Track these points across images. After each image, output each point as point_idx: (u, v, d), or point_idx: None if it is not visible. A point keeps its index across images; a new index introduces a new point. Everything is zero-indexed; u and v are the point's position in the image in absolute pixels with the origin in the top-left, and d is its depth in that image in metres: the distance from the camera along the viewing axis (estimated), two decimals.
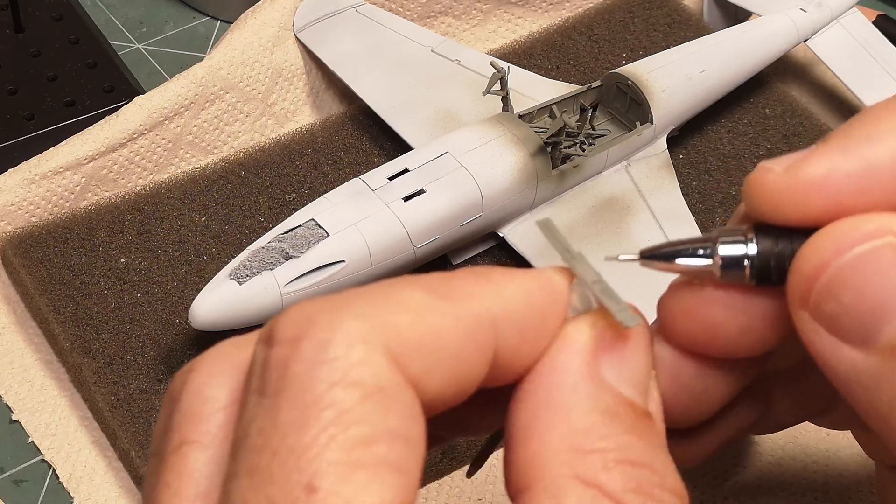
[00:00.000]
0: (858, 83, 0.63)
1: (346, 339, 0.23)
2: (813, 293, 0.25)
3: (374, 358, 0.23)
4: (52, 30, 0.66)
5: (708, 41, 0.61)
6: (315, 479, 0.21)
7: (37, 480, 0.49)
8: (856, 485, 0.47)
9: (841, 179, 0.25)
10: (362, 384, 0.22)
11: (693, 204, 0.57)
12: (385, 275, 0.51)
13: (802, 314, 0.25)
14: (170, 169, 0.59)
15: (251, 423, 0.23)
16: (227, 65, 0.60)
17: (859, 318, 0.24)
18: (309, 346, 0.23)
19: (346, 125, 0.61)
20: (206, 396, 0.25)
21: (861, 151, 0.25)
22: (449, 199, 0.51)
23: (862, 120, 0.26)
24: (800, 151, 0.26)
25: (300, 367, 0.22)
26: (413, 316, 0.24)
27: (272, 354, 0.23)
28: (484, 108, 0.58)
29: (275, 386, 0.23)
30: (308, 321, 0.23)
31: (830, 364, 0.25)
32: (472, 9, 0.67)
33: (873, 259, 0.24)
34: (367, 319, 0.23)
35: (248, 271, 0.48)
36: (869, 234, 0.24)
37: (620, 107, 0.58)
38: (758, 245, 0.26)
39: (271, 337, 0.23)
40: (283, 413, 0.22)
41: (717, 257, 0.26)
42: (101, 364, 0.50)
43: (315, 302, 0.24)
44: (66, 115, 0.62)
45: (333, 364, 0.22)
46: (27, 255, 0.53)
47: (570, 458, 0.24)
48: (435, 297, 0.24)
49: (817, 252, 0.25)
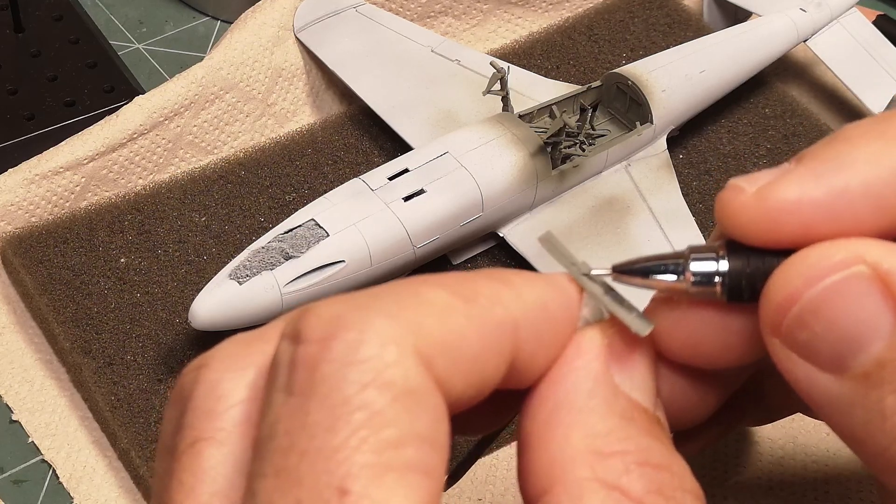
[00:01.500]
0: (858, 83, 0.63)
1: (378, 340, 0.22)
2: (785, 322, 0.25)
3: (406, 359, 0.22)
4: (52, 30, 0.66)
5: (708, 41, 0.61)
6: (346, 482, 0.21)
7: (37, 480, 0.49)
8: (856, 485, 0.47)
9: (811, 205, 0.25)
10: (394, 386, 0.22)
11: (693, 204, 0.57)
12: (385, 275, 0.51)
13: (775, 341, 0.25)
14: (170, 169, 0.59)
15: (278, 423, 0.22)
16: (227, 65, 0.60)
17: (832, 346, 0.24)
18: (340, 345, 0.22)
19: (346, 125, 0.61)
20: (221, 393, 0.24)
21: (832, 178, 0.25)
22: (449, 199, 0.51)
23: (835, 143, 0.25)
24: (771, 170, 0.26)
25: (330, 367, 0.22)
26: (439, 317, 0.23)
27: (300, 353, 0.23)
28: (484, 108, 0.58)
29: (303, 385, 0.22)
30: (338, 320, 0.23)
31: (804, 388, 0.25)
32: (472, 9, 0.67)
33: (844, 289, 0.24)
34: (397, 320, 0.23)
35: (248, 271, 0.48)
36: (840, 264, 0.24)
37: (620, 107, 0.58)
38: (729, 263, 0.26)
39: (298, 335, 0.23)
40: (313, 414, 0.22)
41: (689, 273, 0.26)
42: (101, 364, 0.50)
43: (343, 301, 0.23)
44: (66, 115, 0.62)
45: (365, 365, 0.22)
46: (27, 255, 0.53)
47: (591, 461, 0.24)
48: (458, 298, 0.24)
49: (788, 282, 0.24)
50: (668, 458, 0.25)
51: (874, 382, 0.24)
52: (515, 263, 0.55)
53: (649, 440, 0.25)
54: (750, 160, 0.60)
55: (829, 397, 0.25)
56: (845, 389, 0.24)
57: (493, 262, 0.55)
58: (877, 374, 0.24)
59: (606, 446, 0.24)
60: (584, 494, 0.24)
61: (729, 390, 0.30)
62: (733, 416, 0.33)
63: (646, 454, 0.24)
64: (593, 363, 0.25)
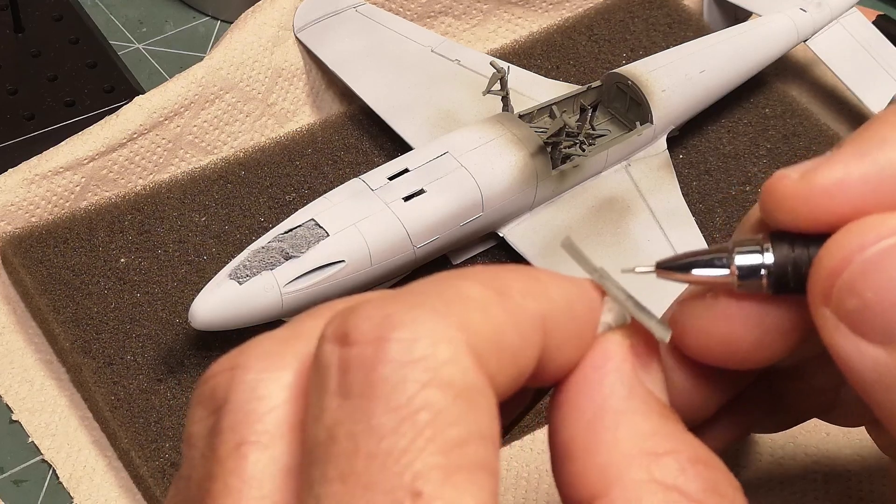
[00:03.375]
0: (858, 83, 0.63)
1: (431, 338, 0.22)
2: (835, 289, 0.24)
3: (461, 356, 0.22)
4: (52, 30, 0.66)
5: (708, 41, 0.61)
6: (418, 484, 0.21)
7: (37, 480, 0.49)
8: (857, 485, 0.47)
9: (856, 184, 0.25)
10: (453, 384, 0.22)
11: (693, 204, 0.57)
12: (385, 275, 0.51)
13: (824, 311, 0.25)
14: (170, 169, 0.59)
15: (338, 427, 0.22)
16: (227, 65, 0.60)
17: (881, 314, 0.24)
18: (395, 345, 0.22)
19: (346, 125, 0.61)
20: (261, 394, 0.24)
21: (875, 155, 0.25)
22: (449, 199, 0.51)
23: (875, 124, 0.25)
24: (816, 158, 0.26)
25: (388, 368, 0.22)
26: (482, 312, 0.23)
27: (353, 355, 0.22)
28: (484, 108, 0.58)
29: (361, 388, 0.22)
30: (388, 320, 0.23)
31: (851, 362, 0.25)
32: (472, 9, 0.67)
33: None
34: (447, 316, 0.23)
35: (248, 271, 0.48)
36: (892, 230, 0.24)
37: (620, 107, 0.58)
38: (774, 254, 0.26)
39: (346, 337, 0.23)
40: (377, 416, 0.22)
41: (734, 267, 0.26)
42: (101, 364, 0.50)
43: (388, 300, 0.23)
44: (66, 115, 0.62)
45: (422, 364, 0.22)
46: (27, 255, 0.53)
47: (645, 463, 0.24)
48: (493, 292, 0.24)
49: (840, 248, 0.24)
50: (711, 454, 0.25)
51: None
52: (515, 263, 0.55)
53: (692, 438, 0.25)
54: (750, 160, 0.60)
55: (876, 372, 0.24)
56: (893, 361, 0.24)
57: (493, 262, 0.55)
58: None
59: (657, 446, 0.24)
60: (643, 497, 0.23)
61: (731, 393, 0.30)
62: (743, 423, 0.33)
63: (695, 452, 0.24)
64: (624, 366, 0.25)
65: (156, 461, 0.47)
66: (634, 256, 0.53)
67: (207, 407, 0.24)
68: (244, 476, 0.23)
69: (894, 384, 0.24)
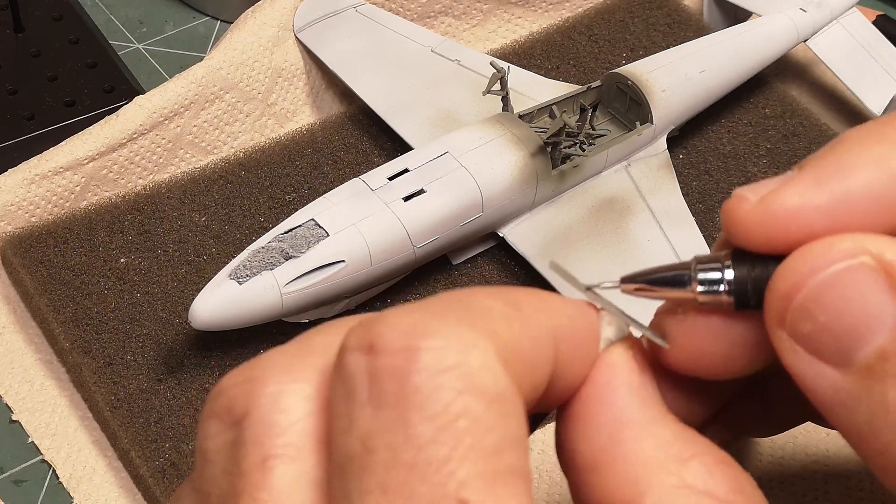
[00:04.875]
0: (858, 83, 0.63)
1: (462, 345, 0.22)
2: (790, 312, 0.24)
3: (493, 363, 0.22)
4: (52, 30, 0.66)
5: (708, 41, 0.61)
6: (462, 492, 0.21)
7: (37, 480, 0.49)
8: (857, 484, 0.47)
9: (814, 211, 0.25)
10: (486, 390, 0.22)
11: (693, 204, 0.57)
12: (385, 275, 0.51)
13: (780, 333, 0.25)
14: (170, 169, 0.59)
15: (373, 438, 0.22)
16: (227, 65, 0.60)
17: (836, 337, 0.24)
18: (426, 353, 0.22)
19: (346, 125, 0.61)
20: (284, 407, 0.23)
21: (834, 184, 0.25)
22: (449, 199, 0.51)
23: (836, 150, 0.25)
24: (774, 179, 0.26)
25: (422, 376, 0.22)
26: (504, 323, 0.23)
27: (383, 364, 0.22)
28: (484, 108, 0.58)
29: (395, 397, 0.22)
30: (416, 329, 0.22)
31: (809, 383, 0.25)
32: (472, 9, 0.67)
33: (848, 278, 0.24)
34: (473, 325, 0.23)
35: (248, 271, 0.48)
36: (844, 253, 0.24)
37: (620, 107, 0.58)
38: (734, 270, 0.26)
39: (373, 346, 0.22)
40: (415, 425, 0.21)
41: (696, 283, 0.26)
42: (101, 364, 0.50)
43: (413, 310, 0.23)
44: (66, 115, 0.62)
45: (456, 371, 0.22)
46: (27, 255, 0.53)
47: (674, 468, 0.24)
48: (509, 307, 0.24)
49: (793, 271, 0.24)
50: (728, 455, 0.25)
51: (878, 376, 0.24)
52: (515, 263, 0.55)
53: (708, 440, 0.25)
54: (750, 160, 0.60)
55: (833, 393, 0.24)
56: (849, 384, 0.24)
57: (492, 262, 0.55)
58: (880, 367, 0.24)
59: (682, 452, 0.24)
60: (677, 501, 0.24)
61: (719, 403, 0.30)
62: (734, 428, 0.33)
63: (717, 453, 0.25)
64: (633, 377, 0.26)
65: (156, 461, 0.47)
66: (634, 256, 0.53)
67: (224, 420, 0.24)
68: (272, 490, 0.23)
69: (852, 405, 0.24)
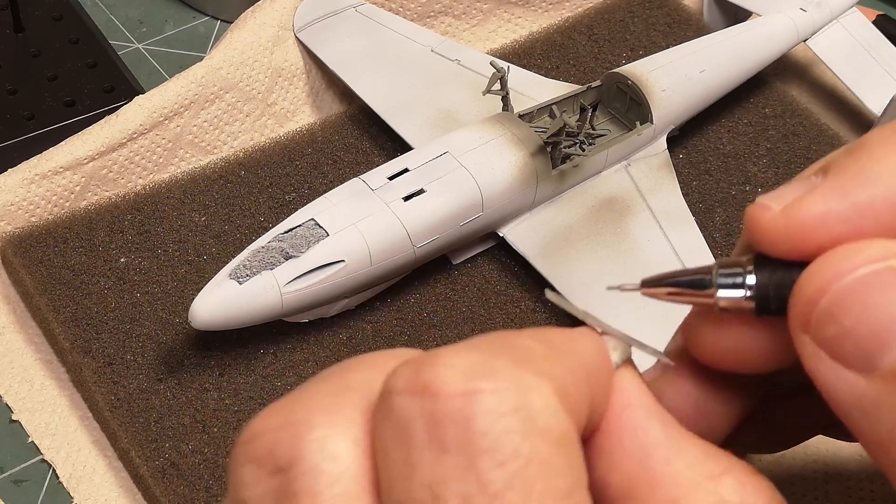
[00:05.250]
0: (858, 83, 0.63)
1: (522, 388, 0.22)
2: (814, 316, 0.24)
3: (553, 404, 0.22)
4: (52, 30, 0.66)
5: (708, 41, 0.61)
6: None
7: (37, 480, 0.49)
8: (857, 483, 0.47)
9: (837, 221, 0.25)
10: (550, 432, 0.22)
11: (693, 204, 0.57)
12: (385, 275, 0.51)
13: (804, 338, 0.25)
14: (170, 169, 0.59)
15: (441, 485, 0.21)
16: (227, 65, 0.60)
17: (860, 342, 0.24)
18: (487, 396, 0.22)
19: (346, 125, 0.61)
20: (332, 453, 0.23)
21: (857, 192, 0.25)
22: (449, 199, 0.51)
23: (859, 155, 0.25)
24: (797, 185, 0.26)
25: (486, 420, 0.22)
26: (549, 363, 0.23)
27: (442, 407, 0.22)
28: (484, 108, 0.58)
29: (459, 442, 0.22)
30: (474, 371, 0.22)
31: (831, 389, 0.25)
32: (472, 9, 0.67)
33: (874, 282, 0.24)
34: (529, 367, 0.23)
35: (247, 271, 0.48)
36: (870, 258, 0.24)
37: (620, 107, 0.58)
38: (756, 276, 0.26)
39: (427, 388, 0.22)
40: (486, 472, 0.21)
41: (716, 287, 0.26)
42: (101, 364, 0.50)
43: (462, 352, 0.23)
44: (66, 115, 0.62)
45: (520, 414, 0.22)
46: (27, 255, 0.53)
47: (710, 486, 0.24)
48: (547, 347, 0.24)
49: (819, 275, 0.24)
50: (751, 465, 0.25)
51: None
52: (515, 263, 0.55)
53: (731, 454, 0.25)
54: (750, 160, 0.60)
55: (856, 399, 0.24)
56: (873, 390, 0.24)
57: (492, 262, 0.55)
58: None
59: (712, 469, 0.24)
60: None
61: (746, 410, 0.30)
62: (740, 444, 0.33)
63: (744, 466, 0.25)
64: (647, 399, 0.26)
65: (156, 461, 0.47)
66: (634, 256, 0.53)
67: (265, 466, 0.23)
68: None
69: (874, 411, 0.24)
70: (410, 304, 0.53)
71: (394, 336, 0.52)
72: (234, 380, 0.50)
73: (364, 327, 0.52)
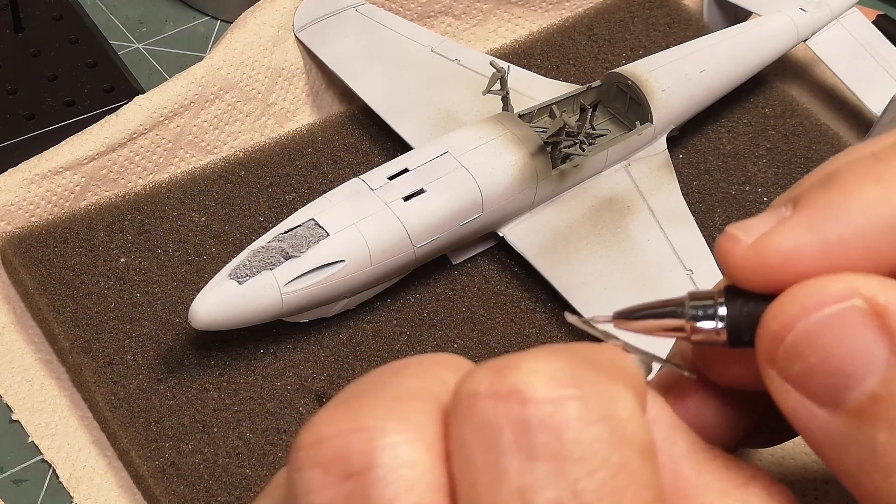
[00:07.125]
0: (858, 83, 0.63)
1: (608, 396, 0.22)
2: (780, 352, 0.24)
3: (638, 413, 0.22)
4: (52, 30, 0.66)
5: (708, 41, 0.61)
6: None
7: (37, 480, 0.49)
8: None
9: (806, 257, 0.25)
10: (636, 442, 0.22)
11: (693, 204, 0.57)
12: (385, 275, 0.51)
13: (771, 372, 0.25)
14: (170, 169, 0.59)
15: (532, 492, 0.21)
16: (227, 65, 0.60)
17: (826, 379, 0.24)
18: (577, 404, 0.22)
19: (346, 125, 0.61)
20: (408, 460, 0.22)
21: (827, 228, 0.25)
22: (449, 199, 0.51)
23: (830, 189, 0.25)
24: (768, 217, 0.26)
25: (577, 428, 0.22)
26: (621, 375, 0.24)
27: (532, 413, 0.22)
28: (484, 107, 0.58)
29: (551, 449, 0.22)
30: (562, 378, 0.22)
31: (800, 422, 0.25)
32: (472, 9, 0.67)
33: (839, 321, 0.24)
34: (610, 375, 0.23)
35: (247, 271, 0.48)
36: (835, 296, 0.24)
37: (620, 107, 0.58)
38: (727, 307, 0.26)
39: (515, 394, 0.22)
40: (580, 481, 0.21)
41: (688, 319, 0.26)
42: (101, 364, 0.50)
43: (544, 357, 0.23)
44: (66, 115, 0.62)
45: (609, 422, 0.22)
46: (27, 255, 0.53)
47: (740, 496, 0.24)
48: (608, 360, 0.24)
49: (784, 311, 0.24)
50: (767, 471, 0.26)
51: (868, 418, 0.24)
52: (515, 263, 0.55)
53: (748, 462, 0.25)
54: (750, 160, 0.60)
55: (824, 433, 0.24)
56: (840, 425, 0.24)
57: (492, 262, 0.55)
58: (870, 409, 0.24)
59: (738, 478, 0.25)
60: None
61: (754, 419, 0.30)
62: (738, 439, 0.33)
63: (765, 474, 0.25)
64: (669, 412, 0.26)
65: (156, 461, 0.47)
66: (634, 256, 0.53)
67: (334, 472, 0.22)
68: None
69: (843, 446, 0.24)
70: (410, 304, 0.53)
71: (394, 336, 0.52)
72: (234, 380, 0.50)
73: (364, 327, 0.52)
